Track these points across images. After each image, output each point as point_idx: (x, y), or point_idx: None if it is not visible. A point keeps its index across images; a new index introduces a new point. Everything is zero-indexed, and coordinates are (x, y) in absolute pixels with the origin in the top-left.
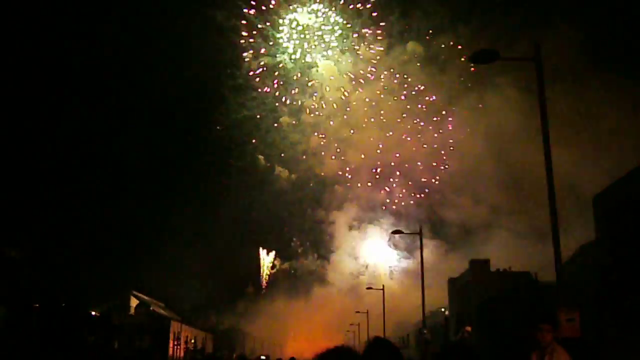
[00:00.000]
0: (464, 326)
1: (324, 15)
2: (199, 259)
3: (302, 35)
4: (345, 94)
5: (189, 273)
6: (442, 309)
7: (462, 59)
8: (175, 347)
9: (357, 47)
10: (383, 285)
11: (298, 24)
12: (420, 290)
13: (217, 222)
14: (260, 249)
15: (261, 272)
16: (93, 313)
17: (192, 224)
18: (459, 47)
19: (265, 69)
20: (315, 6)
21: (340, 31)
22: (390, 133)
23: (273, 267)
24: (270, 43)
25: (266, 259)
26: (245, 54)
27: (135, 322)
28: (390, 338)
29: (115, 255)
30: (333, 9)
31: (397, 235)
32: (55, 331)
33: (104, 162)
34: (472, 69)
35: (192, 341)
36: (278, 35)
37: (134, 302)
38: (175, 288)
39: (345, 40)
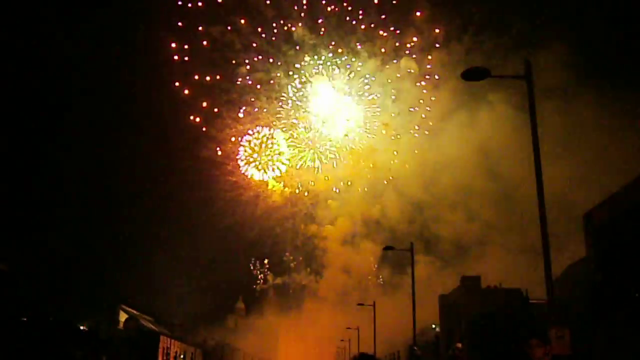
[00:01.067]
0: (454, 343)
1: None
2: (189, 274)
3: (297, 50)
4: (339, 109)
5: (178, 288)
6: (433, 326)
7: (455, 76)
8: None
9: (349, 64)
10: (374, 302)
11: (293, 40)
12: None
13: (209, 237)
14: (253, 259)
15: (256, 277)
16: (81, 327)
17: (182, 239)
18: (452, 64)
19: (259, 84)
20: (310, 22)
21: (334, 46)
22: (385, 148)
23: (265, 281)
24: (261, 57)
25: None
26: (238, 69)
27: (124, 337)
28: (381, 354)
29: (104, 269)
30: (329, 25)
31: (389, 251)
32: (43, 345)
33: (94, 175)
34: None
35: (182, 356)
36: (271, 51)
37: (122, 317)
38: (164, 303)
39: (338, 57)
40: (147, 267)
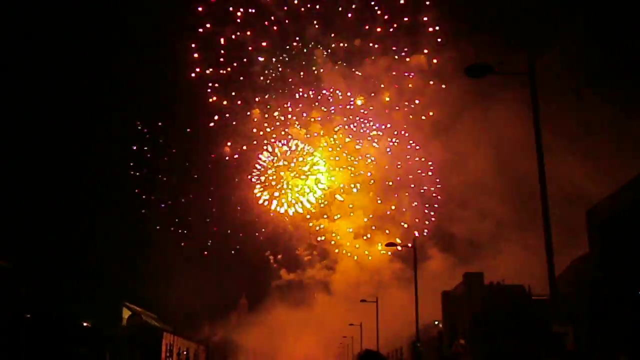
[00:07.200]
0: (457, 339)
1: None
2: (193, 271)
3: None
4: (351, 106)
5: (182, 284)
6: (436, 322)
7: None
8: (168, 358)
9: (362, 60)
10: (377, 298)
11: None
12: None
13: (217, 234)
14: (267, 253)
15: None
16: (84, 324)
17: (189, 235)
18: (463, 62)
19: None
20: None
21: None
22: (396, 144)
23: (279, 277)
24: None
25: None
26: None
27: (127, 334)
28: (384, 351)
29: (107, 265)
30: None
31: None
32: (47, 342)
33: (96, 170)
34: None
35: (185, 353)
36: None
37: (125, 313)
38: (168, 299)
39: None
40: (151, 265)
